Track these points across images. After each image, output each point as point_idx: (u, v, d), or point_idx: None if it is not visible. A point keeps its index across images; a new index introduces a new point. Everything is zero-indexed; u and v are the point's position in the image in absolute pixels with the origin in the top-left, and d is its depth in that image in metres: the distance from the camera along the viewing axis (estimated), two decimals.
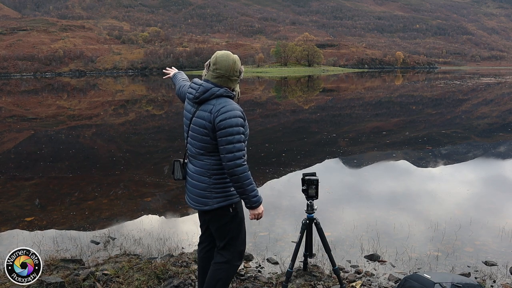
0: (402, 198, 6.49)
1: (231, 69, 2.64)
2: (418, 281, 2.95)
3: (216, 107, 2.59)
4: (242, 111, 2.64)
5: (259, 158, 9.23)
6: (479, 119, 16.38)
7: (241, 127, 2.58)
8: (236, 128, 2.55)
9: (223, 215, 2.74)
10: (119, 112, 20.79)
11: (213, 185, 2.68)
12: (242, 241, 2.85)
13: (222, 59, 2.64)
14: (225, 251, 2.81)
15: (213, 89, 2.63)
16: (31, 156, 10.08)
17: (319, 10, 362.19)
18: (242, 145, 2.58)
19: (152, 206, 6.30)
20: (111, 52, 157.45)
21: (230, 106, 2.58)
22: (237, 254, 2.83)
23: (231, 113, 2.55)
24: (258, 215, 2.71)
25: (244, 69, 2.75)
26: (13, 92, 41.05)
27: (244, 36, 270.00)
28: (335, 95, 31.03)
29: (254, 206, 2.67)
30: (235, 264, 2.83)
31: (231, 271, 2.83)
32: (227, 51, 2.69)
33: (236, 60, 2.66)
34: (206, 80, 2.69)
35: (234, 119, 2.55)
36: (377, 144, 11.21)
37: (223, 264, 2.79)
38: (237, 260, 2.83)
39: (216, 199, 2.69)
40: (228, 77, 2.65)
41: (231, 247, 2.81)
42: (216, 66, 2.64)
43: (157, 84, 54.27)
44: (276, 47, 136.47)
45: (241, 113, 2.62)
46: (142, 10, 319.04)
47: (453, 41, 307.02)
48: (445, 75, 73.89)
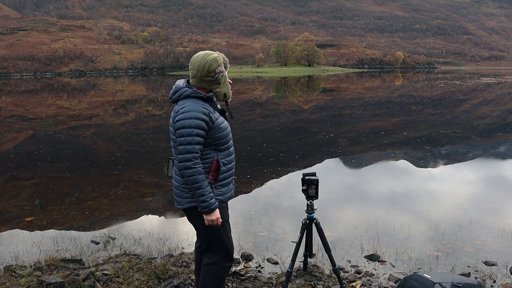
0: (402, 198, 6.49)
1: (201, 69, 2.57)
2: (418, 281, 2.95)
3: (179, 107, 2.58)
4: (204, 113, 2.53)
5: (259, 158, 9.23)
6: (479, 119, 16.38)
7: (196, 128, 2.49)
8: (188, 129, 2.49)
9: (195, 215, 2.69)
10: (119, 112, 20.79)
11: (184, 184, 2.63)
12: (225, 243, 2.75)
13: (195, 59, 2.61)
14: (210, 253, 2.78)
15: (182, 89, 2.62)
16: (31, 156, 10.08)
17: (319, 10, 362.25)
18: (194, 147, 2.50)
19: (152, 206, 6.30)
20: (111, 52, 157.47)
21: (189, 107, 2.52)
22: (223, 255, 2.76)
23: (186, 114, 2.50)
24: (211, 221, 2.58)
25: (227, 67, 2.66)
26: (13, 92, 41.06)
27: (244, 36, 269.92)
28: (335, 95, 31.03)
29: (203, 212, 2.57)
30: (223, 266, 2.77)
31: (219, 273, 2.77)
32: (209, 51, 2.65)
33: (211, 61, 2.56)
34: (187, 81, 2.70)
35: (188, 120, 2.49)
36: (377, 144, 11.21)
37: (210, 266, 2.76)
38: (225, 262, 2.77)
39: (186, 199, 2.66)
40: (200, 78, 2.60)
41: (214, 249, 2.75)
42: (190, 66, 2.64)
43: (157, 84, 54.28)
44: (276, 47, 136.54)
45: (201, 114, 2.52)
46: (142, 10, 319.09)
47: (453, 41, 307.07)
48: (445, 75, 73.89)
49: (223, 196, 2.73)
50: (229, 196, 2.80)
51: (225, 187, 2.75)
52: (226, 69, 2.69)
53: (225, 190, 2.75)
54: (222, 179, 2.71)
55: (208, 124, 2.56)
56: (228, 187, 2.77)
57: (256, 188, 6.97)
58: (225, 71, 2.66)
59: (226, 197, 2.76)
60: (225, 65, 2.66)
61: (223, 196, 2.73)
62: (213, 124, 2.59)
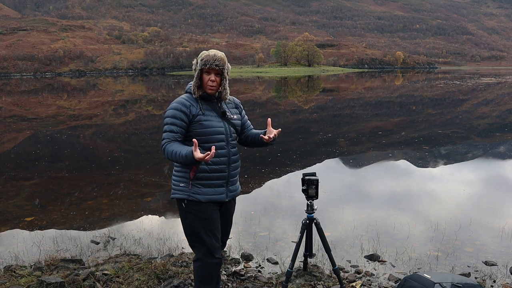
0: (402, 198, 6.49)
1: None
2: (418, 281, 2.95)
3: None
4: (184, 104, 2.67)
5: (258, 158, 9.22)
6: (479, 119, 16.38)
7: (171, 118, 2.65)
8: (166, 118, 2.68)
9: (179, 207, 2.79)
10: (119, 112, 20.79)
11: (173, 175, 2.81)
12: (203, 239, 2.70)
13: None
14: (194, 248, 2.80)
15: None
16: (31, 156, 10.08)
17: (319, 10, 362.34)
18: (168, 134, 2.65)
19: (152, 206, 6.30)
20: (111, 52, 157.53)
21: (175, 100, 2.74)
22: (204, 251, 2.72)
23: (170, 105, 2.72)
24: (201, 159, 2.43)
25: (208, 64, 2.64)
26: (13, 92, 41.05)
27: (244, 36, 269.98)
28: (335, 95, 31.02)
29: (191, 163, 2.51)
30: (207, 262, 2.72)
31: (203, 269, 2.74)
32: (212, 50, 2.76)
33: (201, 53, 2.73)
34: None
35: (168, 110, 2.70)
36: (377, 144, 11.21)
37: (196, 262, 2.77)
38: (208, 258, 2.72)
39: (173, 189, 2.78)
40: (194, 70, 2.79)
41: (197, 244, 2.74)
42: None
43: (157, 84, 54.28)
44: (276, 47, 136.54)
45: (180, 105, 2.67)
46: (142, 10, 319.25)
47: (453, 41, 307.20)
48: (445, 75, 73.88)
49: (202, 196, 2.68)
50: (213, 198, 2.71)
51: (207, 187, 2.69)
52: (207, 66, 2.64)
53: (206, 191, 2.69)
54: (201, 178, 2.68)
55: (188, 116, 2.67)
56: (211, 188, 2.70)
57: (256, 188, 6.97)
58: (198, 66, 2.68)
59: (207, 198, 2.69)
60: (205, 62, 2.64)
61: (202, 196, 2.68)
62: (193, 118, 2.67)
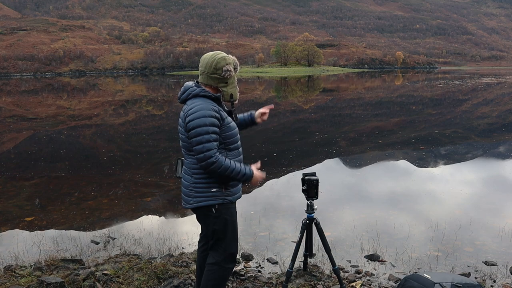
0: (402, 198, 6.49)
1: (209, 66, 2.60)
2: (418, 281, 2.95)
3: (188, 107, 2.60)
4: (215, 110, 2.56)
5: (257, 158, 9.21)
6: (479, 119, 16.38)
7: (211, 126, 2.52)
8: (204, 128, 2.50)
9: (205, 215, 2.73)
10: (119, 112, 20.78)
11: (194, 184, 2.67)
12: (231, 243, 2.77)
13: (204, 57, 2.67)
14: (214, 252, 2.78)
15: (191, 89, 2.65)
16: (31, 156, 10.08)
17: (319, 10, 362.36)
18: (212, 144, 2.52)
19: (152, 206, 6.30)
20: (111, 52, 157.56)
21: (199, 106, 2.54)
22: (226, 256, 2.77)
23: (198, 113, 2.52)
24: (257, 182, 2.74)
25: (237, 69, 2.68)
26: (13, 92, 41.05)
27: (244, 36, 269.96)
28: (335, 95, 31.02)
29: (248, 181, 2.69)
30: (226, 267, 2.77)
31: (221, 273, 2.77)
32: (220, 51, 2.69)
33: (219, 58, 2.60)
34: (196, 81, 2.74)
35: (203, 118, 2.51)
36: (377, 144, 11.21)
37: (213, 266, 2.77)
38: (228, 263, 2.78)
39: (196, 199, 2.68)
40: (207, 74, 2.63)
41: (219, 248, 2.76)
42: (199, 64, 2.69)
43: (157, 84, 54.27)
44: (276, 47, 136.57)
45: (213, 112, 2.54)
46: (142, 10, 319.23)
47: (453, 41, 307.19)
48: (445, 75, 73.87)
49: (232, 196, 2.74)
50: (238, 196, 2.82)
51: (235, 187, 2.76)
52: (236, 71, 2.70)
53: (234, 191, 2.76)
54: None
55: (220, 121, 2.59)
56: (237, 187, 2.79)
57: (256, 188, 6.97)
58: (233, 72, 2.66)
59: (235, 197, 2.78)
60: (234, 67, 2.68)
61: (232, 196, 2.74)
62: (223, 122, 2.62)
